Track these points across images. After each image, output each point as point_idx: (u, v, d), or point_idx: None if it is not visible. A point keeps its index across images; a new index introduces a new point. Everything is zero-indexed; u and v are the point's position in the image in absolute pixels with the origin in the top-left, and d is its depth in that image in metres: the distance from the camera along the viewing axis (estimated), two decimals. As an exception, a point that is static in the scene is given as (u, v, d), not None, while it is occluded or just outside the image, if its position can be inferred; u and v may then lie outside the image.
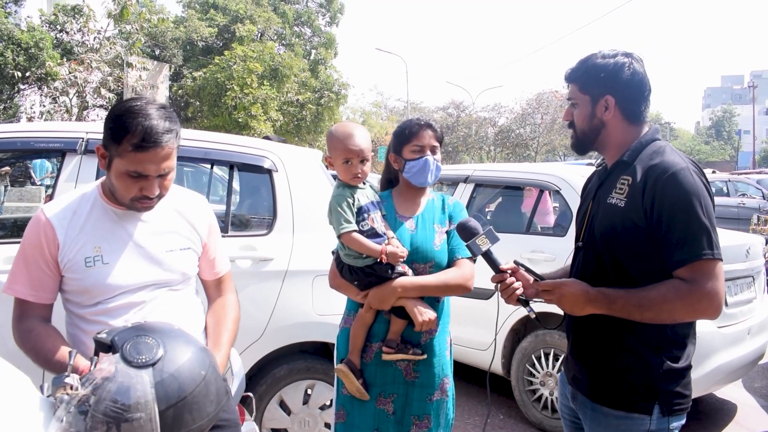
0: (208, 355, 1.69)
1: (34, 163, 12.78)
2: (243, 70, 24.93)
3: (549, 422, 4.70)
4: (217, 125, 24.61)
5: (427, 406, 2.57)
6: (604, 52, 2.11)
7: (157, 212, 2.16)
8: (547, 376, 4.71)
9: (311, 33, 35.01)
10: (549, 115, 35.75)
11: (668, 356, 1.98)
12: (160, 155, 1.95)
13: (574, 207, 4.66)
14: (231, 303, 2.38)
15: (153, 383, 1.46)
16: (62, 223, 2.04)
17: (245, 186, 4.40)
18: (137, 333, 1.57)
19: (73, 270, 2.02)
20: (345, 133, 2.50)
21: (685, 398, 2.01)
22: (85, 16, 17.44)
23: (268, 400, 3.66)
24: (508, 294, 2.17)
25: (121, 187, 2.00)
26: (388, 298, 2.46)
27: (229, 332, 2.27)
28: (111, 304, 2.04)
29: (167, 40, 27.39)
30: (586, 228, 2.18)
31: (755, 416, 5.18)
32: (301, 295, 3.63)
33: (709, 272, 1.86)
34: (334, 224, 2.48)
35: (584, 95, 2.12)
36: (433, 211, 2.68)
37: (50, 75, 16.39)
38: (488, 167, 6.28)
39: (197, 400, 1.53)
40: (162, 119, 1.96)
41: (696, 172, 1.94)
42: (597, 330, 2.06)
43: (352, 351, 2.56)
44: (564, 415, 2.35)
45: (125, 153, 1.93)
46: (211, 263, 2.34)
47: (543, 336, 4.72)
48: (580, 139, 2.18)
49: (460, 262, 2.58)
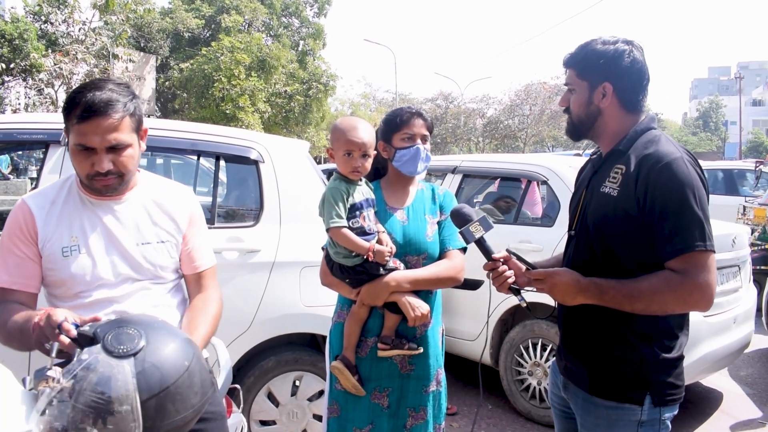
0: (193, 346, 1.67)
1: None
2: (230, 62, 24.79)
3: (537, 411, 4.71)
4: (205, 117, 24.46)
5: (423, 398, 2.57)
6: (604, 38, 2.07)
7: (133, 203, 2.13)
8: (535, 366, 4.73)
9: (299, 24, 34.87)
10: (537, 107, 35.77)
11: (660, 346, 1.98)
12: (102, 126, 1.91)
13: (562, 197, 4.74)
14: (210, 299, 2.23)
15: (134, 373, 1.45)
16: (41, 212, 2.01)
17: (232, 177, 4.38)
18: (119, 324, 1.55)
19: (52, 260, 2.00)
20: (350, 126, 2.47)
21: (677, 388, 2.01)
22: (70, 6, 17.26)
23: (256, 392, 3.65)
24: (500, 282, 2.16)
25: (75, 164, 1.98)
26: (380, 293, 2.44)
27: (204, 328, 2.09)
28: (89, 298, 2.01)
29: (153, 31, 27.21)
30: (579, 217, 2.17)
31: (741, 404, 5.22)
32: (289, 287, 3.61)
33: (702, 264, 1.85)
34: (325, 217, 2.44)
35: (582, 81, 2.09)
36: (424, 202, 2.66)
37: (35, 66, 16.25)
38: (476, 158, 6.29)
39: (180, 391, 1.52)
40: (110, 91, 1.95)
41: (691, 163, 1.92)
42: (589, 320, 2.05)
43: (347, 347, 2.54)
44: (554, 404, 2.35)
45: (72, 126, 1.93)
46: (189, 256, 2.24)
47: (531, 326, 4.73)
48: (576, 126, 2.15)
49: (451, 254, 2.57)
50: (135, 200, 2.13)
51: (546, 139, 39.41)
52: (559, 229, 4.60)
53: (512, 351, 4.85)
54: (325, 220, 2.44)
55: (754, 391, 5.48)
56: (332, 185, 2.47)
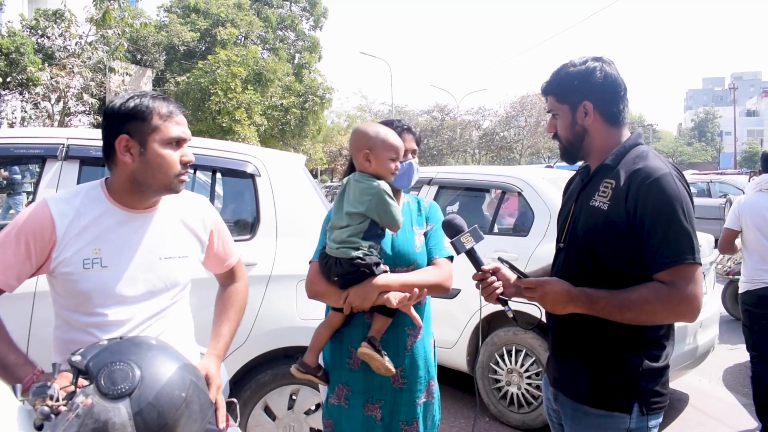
0: (189, 371, 1.65)
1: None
2: (227, 75, 24.84)
3: (514, 417, 4.85)
4: (201, 130, 24.47)
5: (414, 410, 2.57)
6: (573, 61, 2.14)
7: (159, 217, 2.13)
8: (510, 373, 4.87)
9: (295, 37, 35.01)
10: (533, 118, 35.98)
11: (648, 356, 2.01)
12: (184, 120, 2.09)
13: (536, 208, 4.92)
14: (238, 291, 2.46)
15: (131, 415, 1.42)
16: (63, 220, 1.97)
17: (228, 191, 4.39)
18: (112, 358, 1.52)
19: (70, 271, 1.96)
20: (387, 131, 2.51)
21: (662, 396, 2.04)
22: (67, 20, 17.26)
23: (252, 406, 3.64)
24: (489, 293, 2.18)
25: (165, 163, 2.00)
26: (369, 295, 2.42)
27: (231, 322, 2.36)
28: (105, 317, 1.99)
29: (149, 44, 27.25)
30: (568, 229, 2.19)
31: (738, 415, 5.27)
32: (285, 300, 3.62)
33: (689, 276, 1.89)
34: (393, 216, 2.42)
35: (563, 105, 2.15)
36: (410, 214, 2.67)
37: (32, 80, 16.22)
38: (451, 170, 6.45)
39: (179, 424, 1.50)
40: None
41: (678, 178, 1.97)
42: (578, 330, 2.08)
43: (311, 349, 2.55)
44: (551, 418, 2.35)
45: (160, 124, 2.00)
46: (219, 259, 2.39)
47: (507, 333, 4.86)
48: (567, 149, 2.20)
49: (439, 262, 2.58)
50: (161, 214, 2.14)
51: (542, 151, 39.57)
52: (534, 238, 4.78)
53: (489, 359, 4.96)
54: (394, 218, 2.43)
55: (750, 402, 5.45)
56: (382, 186, 2.44)
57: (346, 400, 2.55)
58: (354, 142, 2.55)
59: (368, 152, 2.47)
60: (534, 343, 4.73)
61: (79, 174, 3.26)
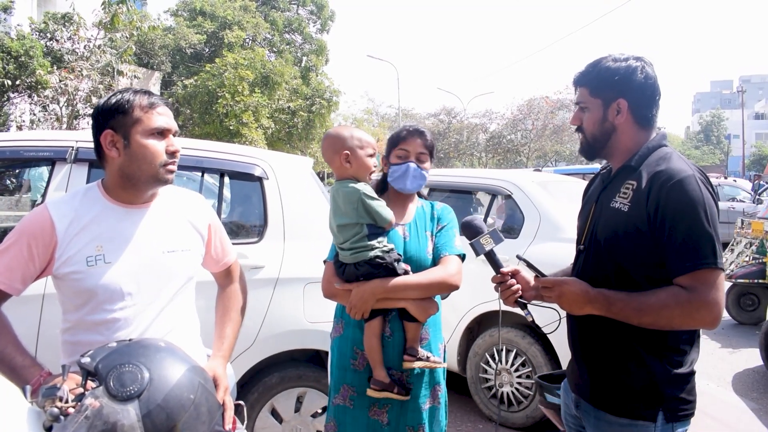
0: (198, 373, 1.66)
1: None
2: (234, 78, 24.85)
3: (503, 415, 4.87)
4: (208, 133, 24.49)
5: (421, 415, 2.56)
6: (614, 56, 2.08)
7: (158, 211, 2.15)
8: (500, 373, 4.93)
9: (302, 40, 35.02)
10: (540, 121, 35.90)
11: (671, 362, 1.96)
12: (167, 111, 2.11)
13: (526, 211, 4.96)
14: (237, 291, 2.48)
15: (140, 416, 1.43)
16: (63, 220, 2.00)
17: (236, 194, 4.39)
18: (121, 360, 1.52)
19: (74, 270, 1.97)
20: (359, 131, 2.57)
21: (689, 404, 1.99)
22: (76, 24, 17.34)
23: (259, 408, 3.64)
24: (507, 296, 2.16)
25: (149, 153, 2.03)
26: (367, 298, 2.42)
27: (233, 323, 2.38)
28: (110, 314, 2.00)
29: (156, 47, 27.31)
30: (588, 231, 2.16)
31: (747, 419, 5.23)
32: (293, 303, 3.62)
33: (711, 281, 1.84)
34: (382, 215, 2.46)
35: (595, 99, 2.08)
36: (424, 219, 2.67)
37: (40, 83, 16.27)
38: (442, 172, 6.52)
39: (188, 426, 1.50)
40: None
41: (702, 181, 1.92)
42: (601, 336, 2.04)
43: (375, 365, 2.49)
44: (569, 424, 2.31)
45: (142, 116, 2.02)
46: (217, 257, 2.39)
47: (496, 333, 4.89)
48: (591, 144, 2.14)
49: (445, 259, 2.56)
50: (159, 208, 2.16)
51: (549, 154, 39.47)
52: (524, 240, 4.81)
53: (479, 358, 5.00)
54: (383, 217, 2.46)
55: (760, 407, 5.46)
56: (361, 189, 2.45)
57: (351, 401, 2.55)
58: (330, 146, 2.55)
59: (348, 153, 2.50)
60: (523, 343, 4.77)
61: (88, 177, 3.27)
